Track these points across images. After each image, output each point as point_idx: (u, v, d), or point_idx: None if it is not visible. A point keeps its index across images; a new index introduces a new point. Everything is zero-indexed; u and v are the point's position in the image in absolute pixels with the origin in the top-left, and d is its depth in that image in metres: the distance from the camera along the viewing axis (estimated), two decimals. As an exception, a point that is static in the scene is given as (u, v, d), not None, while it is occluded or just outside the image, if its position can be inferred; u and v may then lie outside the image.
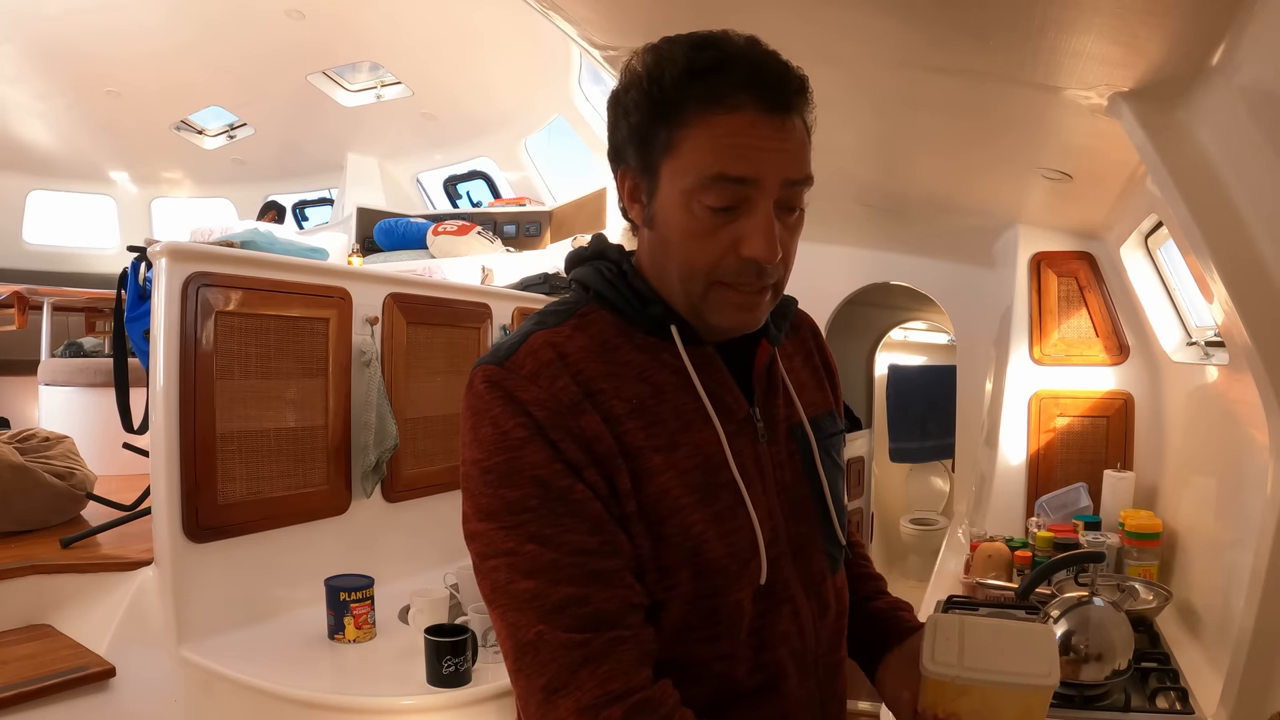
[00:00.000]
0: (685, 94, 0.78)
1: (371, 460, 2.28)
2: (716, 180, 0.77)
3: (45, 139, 5.67)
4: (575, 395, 0.78)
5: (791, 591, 0.89)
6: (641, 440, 0.80)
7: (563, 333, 0.82)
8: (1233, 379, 1.70)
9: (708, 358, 0.86)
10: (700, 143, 0.78)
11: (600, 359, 0.82)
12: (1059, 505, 2.47)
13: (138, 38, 4.73)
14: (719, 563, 0.81)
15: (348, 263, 4.77)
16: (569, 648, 0.73)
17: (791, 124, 0.79)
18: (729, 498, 0.83)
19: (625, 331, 0.85)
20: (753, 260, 0.79)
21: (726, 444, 0.83)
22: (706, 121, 0.77)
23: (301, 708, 1.68)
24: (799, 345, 1.02)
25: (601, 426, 0.78)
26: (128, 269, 2.03)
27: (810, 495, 0.93)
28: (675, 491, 0.80)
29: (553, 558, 0.74)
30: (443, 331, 2.64)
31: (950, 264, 3.34)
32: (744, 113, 0.77)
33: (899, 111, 1.88)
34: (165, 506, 1.87)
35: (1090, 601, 1.57)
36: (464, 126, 5.53)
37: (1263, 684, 1.35)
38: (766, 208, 0.78)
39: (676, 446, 0.81)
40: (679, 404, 0.83)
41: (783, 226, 0.80)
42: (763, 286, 0.82)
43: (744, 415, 0.88)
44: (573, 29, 1.63)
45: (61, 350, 4.04)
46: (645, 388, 0.82)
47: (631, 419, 0.80)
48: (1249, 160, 1.26)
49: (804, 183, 0.81)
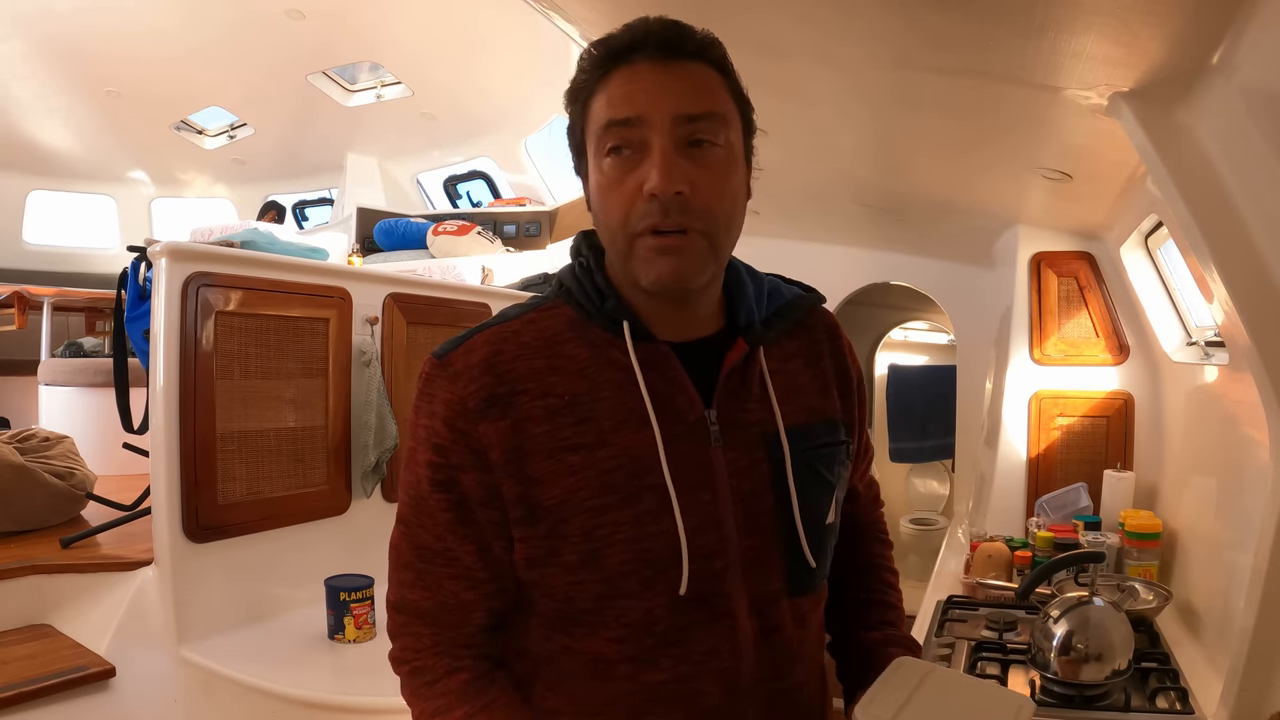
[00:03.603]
0: (591, 74, 0.82)
1: (371, 460, 2.28)
2: (607, 128, 0.80)
3: (46, 138, 5.67)
4: (483, 400, 0.81)
5: (731, 607, 0.84)
6: (563, 439, 0.81)
7: (512, 327, 0.85)
8: (1233, 379, 1.70)
9: (660, 355, 0.84)
10: (597, 105, 0.81)
11: (542, 355, 0.83)
12: (1059, 505, 2.47)
13: (138, 38, 4.73)
14: (621, 567, 0.80)
15: (348, 263, 4.77)
16: (393, 615, 0.90)
17: (684, 66, 0.80)
18: (654, 501, 0.80)
19: (581, 327, 0.85)
20: (653, 197, 0.77)
21: (662, 446, 0.81)
22: (604, 86, 0.81)
23: (301, 708, 1.68)
24: (805, 346, 0.93)
25: (501, 433, 0.81)
26: (128, 269, 2.03)
27: (774, 509, 0.86)
28: (585, 492, 0.80)
29: (402, 542, 0.88)
30: (443, 331, 2.64)
31: (950, 264, 3.34)
32: (634, 65, 0.80)
33: (898, 112, 1.88)
34: (165, 506, 1.87)
35: (1090, 601, 1.57)
36: (464, 126, 5.53)
37: (1263, 684, 1.35)
38: (661, 144, 0.78)
39: (603, 445, 0.81)
40: (619, 402, 0.82)
41: (693, 163, 0.78)
42: (679, 228, 0.78)
43: (695, 417, 0.84)
44: (573, 29, 1.63)
45: (61, 350, 4.04)
46: (584, 384, 0.82)
47: (557, 417, 0.81)
48: (1249, 160, 1.26)
49: (704, 117, 0.79)
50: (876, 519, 1.12)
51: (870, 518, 1.10)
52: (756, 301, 0.89)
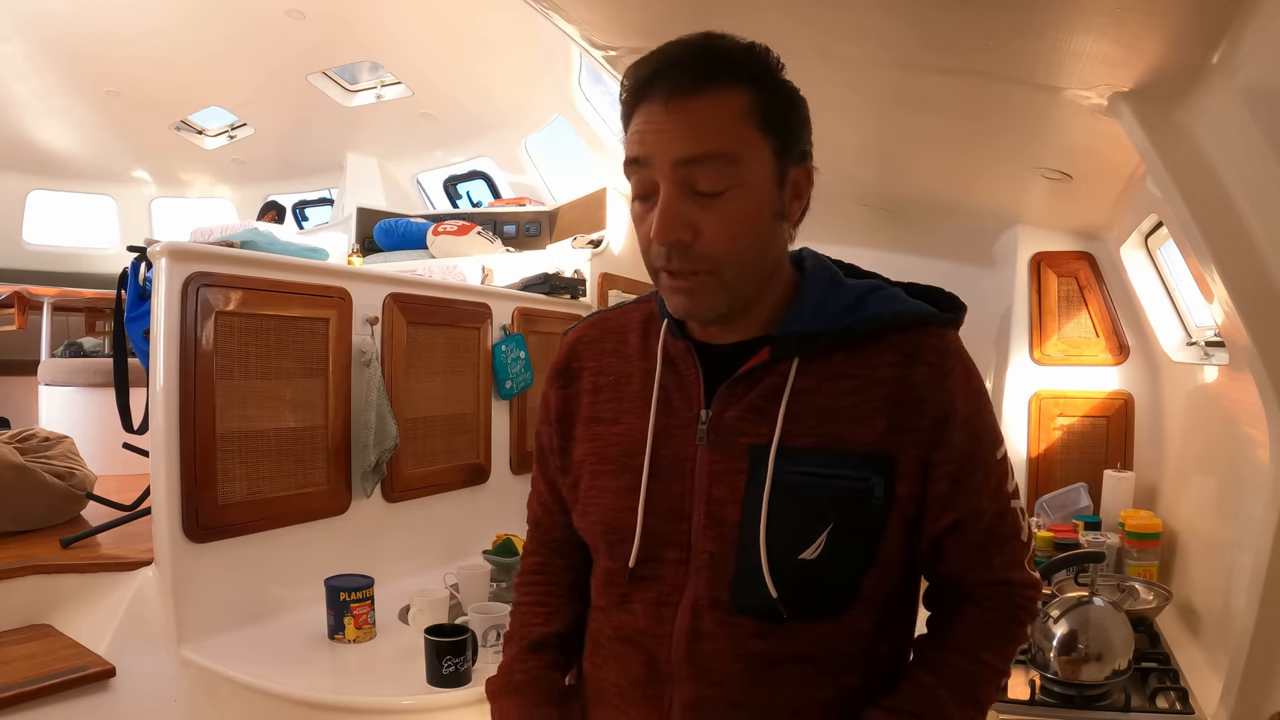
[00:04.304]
0: (624, 106, 0.84)
1: (371, 460, 2.28)
2: (626, 165, 0.83)
3: (46, 138, 5.67)
4: (559, 371, 1.00)
5: (678, 598, 0.86)
6: (596, 411, 0.95)
7: (610, 314, 1.01)
8: (1233, 379, 1.70)
9: (683, 352, 0.89)
10: (626, 138, 0.83)
11: (611, 340, 0.97)
12: (1059, 505, 2.47)
13: (138, 38, 4.73)
14: (596, 528, 0.94)
15: (348, 263, 4.77)
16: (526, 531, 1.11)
17: (692, 103, 0.78)
18: (631, 480, 0.89)
19: (654, 319, 0.94)
20: (658, 244, 0.80)
21: (651, 434, 0.89)
22: (632, 119, 0.83)
23: (301, 708, 1.67)
24: (863, 367, 0.84)
25: (562, 399, 0.98)
26: (128, 269, 2.03)
27: (738, 521, 0.83)
28: (593, 460, 0.94)
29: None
30: (443, 331, 2.64)
31: (950, 264, 3.34)
32: (649, 103, 0.80)
33: (899, 112, 1.88)
34: (165, 506, 1.86)
35: (1090, 601, 1.57)
36: (464, 127, 5.53)
37: (1263, 684, 1.35)
38: (665, 190, 0.79)
39: (617, 423, 0.93)
40: (642, 388, 0.92)
41: (697, 206, 0.79)
42: (685, 270, 0.80)
43: (690, 415, 0.88)
44: (573, 30, 1.63)
45: (61, 350, 4.04)
46: (628, 368, 0.94)
47: (601, 393, 0.95)
48: (1249, 160, 1.26)
49: (704, 159, 0.78)
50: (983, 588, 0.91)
51: (971, 581, 0.91)
52: (813, 313, 0.85)
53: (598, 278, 3.67)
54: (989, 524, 0.88)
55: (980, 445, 0.86)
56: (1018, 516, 0.91)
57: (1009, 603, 0.91)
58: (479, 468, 2.78)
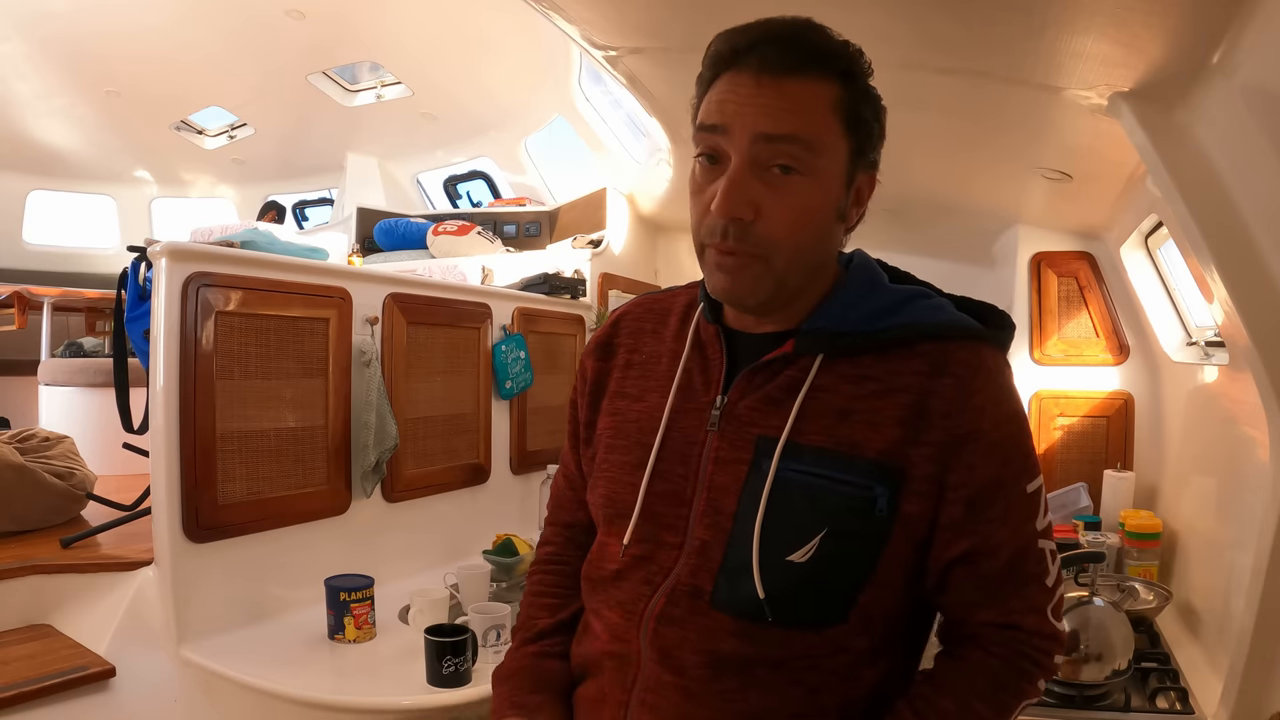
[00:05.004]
0: (705, 72, 0.82)
1: (371, 460, 2.28)
2: (699, 131, 0.81)
3: (46, 138, 5.67)
4: (598, 344, 1.01)
5: (660, 580, 0.85)
6: (624, 387, 0.96)
7: (656, 296, 1.02)
8: (1233, 379, 1.70)
9: (712, 338, 0.90)
10: (703, 105, 0.82)
11: (651, 320, 0.99)
12: (1059, 505, 2.47)
13: (138, 38, 4.73)
14: (599, 501, 0.94)
15: (348, 263, 4.77)
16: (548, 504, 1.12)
17: (784, 83, 0.77)
18: (639, 456, 0.90)
19: (694, 303, 0.95)
20: (716, 216, 0.78)
21: (666, 416, 0.89)
22: (713, 86, 0.81)
23: (301, 708, 1.67)
24: (888, 373, 0.81)
25: (597, 371, 1.00)
26: (128, 269, 2.03)
27: (734, 512, 0.82)
28: (611, 432, 0.95)
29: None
30: (443, 331, 2.64)
31: (950, 264, 3.34)
32: (738, 73, 0.79)
33: (899, 111, 1.87)
34: (165, 506, 1.86)
35: (1090, 601, 1.57)
36: (464, 127, 5.52)
37: (1263, 684, 1.35)
38: (736, 162, 0.78)
39: (640, 400, 0.94)
40: (668, 368, 0.93)
41: (765, 186, 0.78)
42: (733, 248, 0.79)
43: (707, 400, 0.88)
44: (573, 30, 1.63)
45: (61, 350, 4.04)
46: (659, 348, 0.95)
47: (631, 369, 0.96)
48: (1249, 160, 1.26)
49: (787, 140, 0.77)
50: (991, 630, 0.84)
51: (978, 620, 0.85)
52: (844, 312, 0.84)
53: (598, 278, 3.67)
54: (1006, 561, 0.81)
55: (1006, 473, 0.80)
56: (1045, 559, 0.83)
57: (1015, 651, 0.83)
58: (479, 468, 2.78)
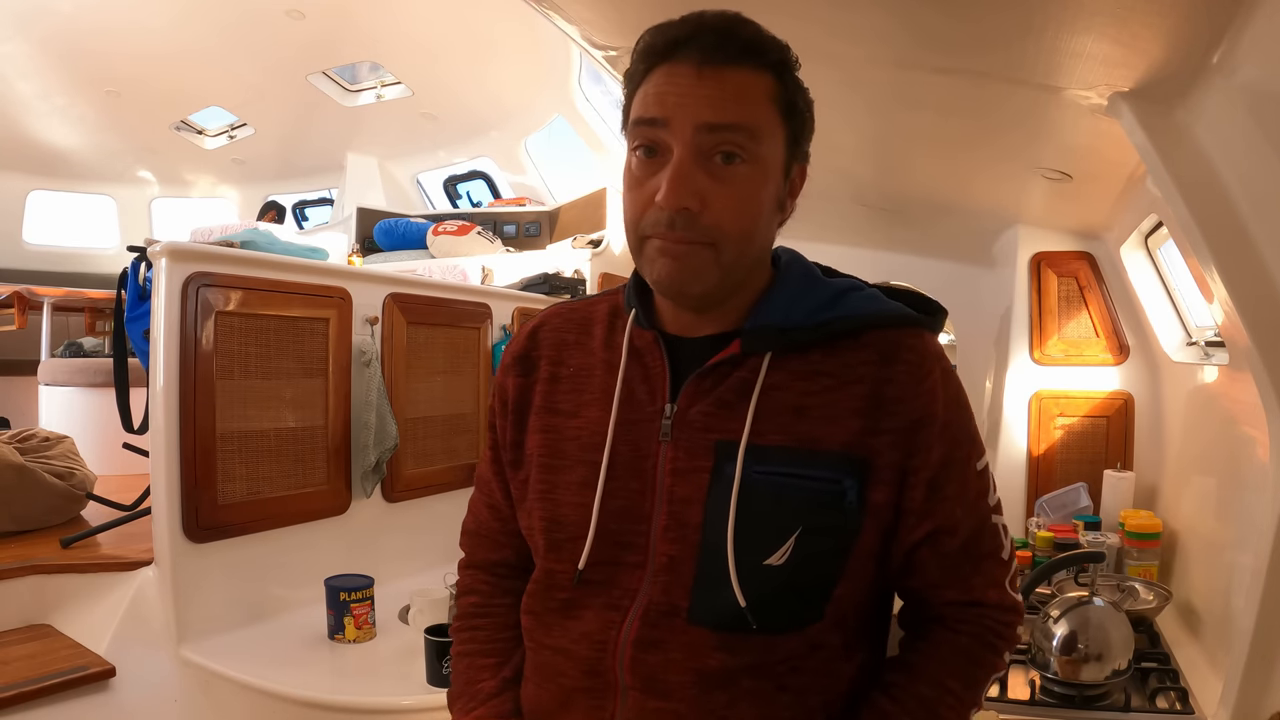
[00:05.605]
0: (637, 66, 0.81)
1: (371, 460, 2.28)
2: (637, 125, 0.80)
3: (46, 138, 5.67)
4: (516, 359, 0.94)
5: (627, 603, 0.81)
6: (554, 402, 0.90)
7: (574, 305, 0.96)
8: (1233, 379, 1.70)
9: (649, 344, 0.86)
10: (637, 99, 0.81)
11: (573, 330, 0.93)
12: (1059, 505, 2.46)
13: (138, 38, 4.73)
14: (539, 523, 0.88)
15: (348, 263, 4.77)
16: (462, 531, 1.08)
17: (723, 73, 0.77)
18: (586, 474, 0.85)
19: (620, 312, 0.91)
20: (662, 208, 0.77)
21: (611, 429, 0.84)
22: (647, 80, 0.80)
23: (301, 708, 1.67)
24: (841, 366, 0.81)
25: (518, 388, 0.92)
26: (128, 269, 2.03)
27: (701, 522, 0.79)
28: (546, 451, 0.88)
29: (479, 468, 1.03)
30: (443, 331, 2.64)
31: (950, 264, 3.34)
32: (674, 65, 0.78)
33: (898, 111, 1.88)
34: (165, 506, 1.86)
35: (1090, 601, 1.57)
36: (464, 127, 5.53)
37: (1263, 684, 1.35)
38: (679, 153, 0.77)
39: (576, 415, 0.88)
40: (604, 381, 0.88)
41: (709, 176, 0.77)
42: (681, 238, 0.77)
43: (654, 409, 0.84)
44: (573, 30, 1.63)
45: (61, 350, 4.04)
46: (589, 360, 0.90)
47: (559, 384, 0.90)
48: (1249, 160, 1.26)
49: (731, 129, 0.76)
50: (956, 608, 0.87)
51: (943, 601, 0.87)
52: (787, 308, 0.83)
53: (597, 277, 3.68)
54: (965, 539, 0.84)
55: (957, 453, 0.83)
56: (999, 533, 0.86)
57: (981, 626, 0.86)
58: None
